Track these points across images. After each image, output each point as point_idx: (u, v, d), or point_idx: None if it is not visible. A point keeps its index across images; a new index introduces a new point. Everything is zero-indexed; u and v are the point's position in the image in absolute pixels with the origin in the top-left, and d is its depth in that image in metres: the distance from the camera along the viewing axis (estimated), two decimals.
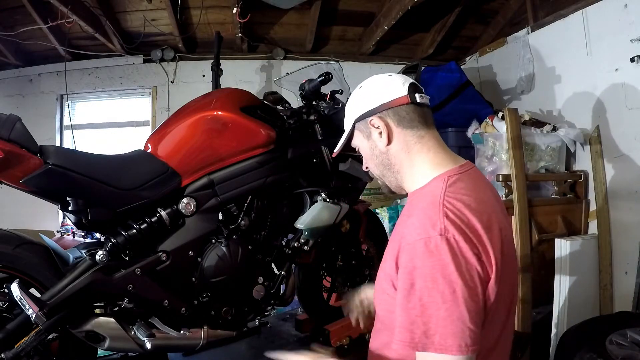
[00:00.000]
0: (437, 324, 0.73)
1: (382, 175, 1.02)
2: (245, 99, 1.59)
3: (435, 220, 0.79)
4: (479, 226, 0.79)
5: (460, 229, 0.77)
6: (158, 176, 1.42)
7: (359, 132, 1.02)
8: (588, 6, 2.39)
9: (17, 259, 1.27)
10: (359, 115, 0.99)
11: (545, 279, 2.23)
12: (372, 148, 0.99)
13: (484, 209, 0.83)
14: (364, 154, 1.04)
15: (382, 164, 0.99)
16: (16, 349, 1.20)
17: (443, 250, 0.75)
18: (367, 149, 1.01)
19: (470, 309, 0.74)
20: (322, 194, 1.65)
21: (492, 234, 0.80)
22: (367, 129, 0.99)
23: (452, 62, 3.03)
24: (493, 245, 0.79)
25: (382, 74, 1.03)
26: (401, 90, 0.97)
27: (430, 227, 0.78)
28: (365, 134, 1.00)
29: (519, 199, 2.18)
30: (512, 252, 0.87)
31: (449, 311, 0.73)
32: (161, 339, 1.39)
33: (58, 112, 3.56)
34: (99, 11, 2.98)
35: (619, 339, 1.55)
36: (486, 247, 0.78)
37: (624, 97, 2.18)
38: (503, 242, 0.82)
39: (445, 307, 0.73)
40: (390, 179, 1.00)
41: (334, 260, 1.91)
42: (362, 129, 1.00)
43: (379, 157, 0.99)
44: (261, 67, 3.64)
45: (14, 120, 1.22)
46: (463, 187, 0.86)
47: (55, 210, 3.26)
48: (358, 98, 1.02)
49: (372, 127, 0.97)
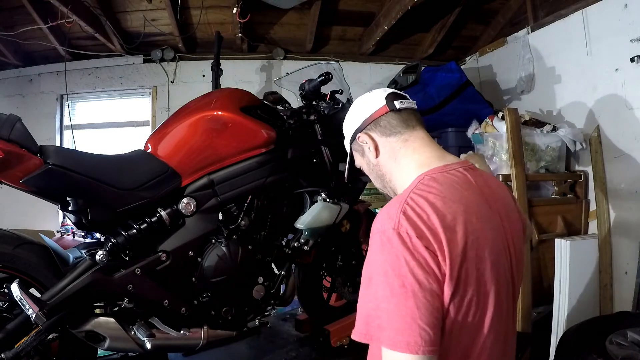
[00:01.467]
0: (388, 318, 0.73)
1: (382, 187, 1.05)
2: (245, 99, 1.59)
3: (392, 214, 0.79)
4: (438, 224, 0.77)
5: (415, 225, 0.77)
6: (158, 176, 1.42)
7: (356, 152, 1.07)
8: (588, 6, 2.39)
9: (17, 259, 1.27)
10: (350, 137, 1.05)
11: (545, 279, 2.23)
12: (368, 164, 1.04)
13: (451, 209, 0.81)
14: (365, 172, 1.08)
15: (377, 176, 1.04)
16: (16, 349, 1.20)
17: (395, 244, 0.75)
18: (365, 166, 1.06)
19: (421, 306, 0.72)
20: (322, 194, 1.65)
21: (454, 235, 0.78)
22: (360, 147, 1.03)
23: (452, 62, 3.02)
24: (451, 246, 0.77)
25: (365, 94, 1.06)
26: (379, 102, 0.99)
27: (387, 221, 0.79)
28: (360, 152, 1.05)
29: (519, 199, 2.18)
30: (485, 258, 0.81)
31: (397, 306, 0.72)
32: (161, 339, 1.39)
33: (58, 112, 3.56)
34: (99, 11, 2.97)
35: (619, 339, 1.55)
36: (442, 246, 0.76)
37: (624, 97, 2.18)
38: (468, 245, 0.78)
39: (395, 302, 0.72)
40: (388, 189, 1.03)
41: (334, 260, 1.91)
42: (356, 148, 1.06)
43: (374, 170, 1.03)
44: (261, 67, 3.64)
45: (14, 120, 1.23)
46: (435, 186, 0.85)
47: (55, 210, 3.26)
48: (347, 122, 1.07)
49: (361, 144, 1.02)
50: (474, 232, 0.81)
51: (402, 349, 0.70)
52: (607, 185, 2.28)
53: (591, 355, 1.49)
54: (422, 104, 2.86)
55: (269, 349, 1.82)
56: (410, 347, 0.70)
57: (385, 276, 0.75)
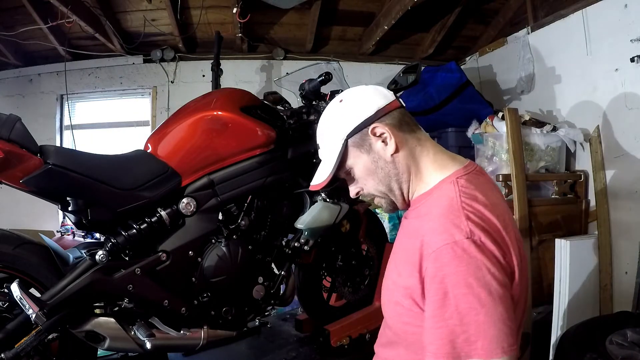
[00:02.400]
0: (478, 329, 0.71)
1: (389, 190, 0.93)
2: (245, 99, 1.59)
3: (458, 223, 0.76)
4: (499, 226, 0.78)
5: (484, 229, 0.76)
6: (158, 176, 1.42)
7: (354, 148, 0.91)
8: (588, 6, 2.39)
9: (17, 259, 1.27)
10: (352, 129, 0.90)
11: (545, 279, 2.23)
12: (376, 161, 0.90)
13: (497, 209, 0.81)
14: (361, 173, 0.93)
15: (387, 176, 0.91)
16: (16, 349, 1.20)
17: (473, 253, 0.73)
18: (368, 165, 0.91)
19: (508, 308, 0.72)
20: (322, 194, 1.65)
21: (510, 235, 0.79)
22: (367, 141, 0.90)
23: (452, 62, 3.03)
24: (512, 245, 0.79)
25: (359, 87, 0.97)
26: (389, 95, 0.93)
27: (456, 231, 0.75)
28: (364, 148, 0.91)
29: (519, 199, 2.18)
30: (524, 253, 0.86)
31: (488, 314, 0.71)
32: (161, 339, 1.39)
33: (58, 112, 3.56)
34: (99, 11, 2.97)
35: (619, 339, 1.55)
36: (508, 246, 0.78)
37: (624, 97, 2.18)
38: (516, 241, 0.81)
39: (484, 311, 0.71)
40: (396, 192, 0.92)
41: (334, 260, 1.91)
42: (358, 143, 0.91)
43: (385, 169, 0.91)
44: (261, 67, 3.64)
45: (14, 120, 1.23)
46: (474, 188, 0.83)
47: (55, 210, 3.26)
48: (342, 112, 0.93)
49: (373, 137, 0.89)
50: (514, 228, 0.84)
51: (498, 354, 0.70)
52: (607, 185, 2.28)
53: (591, 355, 1.49)
54: (422, 104, 2.86)
55: (269, 349, 1.82)
56: (505, 350, 0.70)
57: (468, 288, 0.72)
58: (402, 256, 0.89)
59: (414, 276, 0.80)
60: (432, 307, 0.75)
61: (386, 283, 0.96)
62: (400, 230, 1.00)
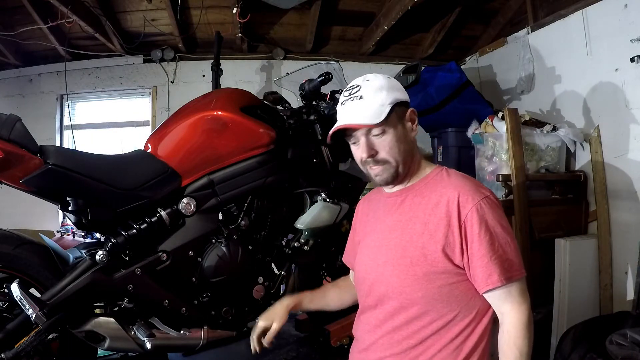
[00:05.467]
0: (513, 255, 0.98)
1: (402, 162, 1.06)
2: (245, 99, 1.59)
3: (480, 186, 1.04)
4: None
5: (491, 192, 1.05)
6: (158, 176, 1.42)
7: (395, 116, 1.04)
8: (588, 6, 2.39)
9: (17, 259, 1.27)
10: (400, 100, 1.05)
11: (545, 279, 2.22)
12: (406, 135, 1.07)
13: None
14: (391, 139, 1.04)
15: (407, 151, 1.06)
16: (16, 349, 1.20)
17: (497, 204, 1.02)
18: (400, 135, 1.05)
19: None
20: (322, 194, 1.65)
21: None
22: (405, 118, 1.07)
23: (452, 62, 3.02)
24: None
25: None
26: None
27: (483, 190, 1.02)
28: (403, 120, 1.07)
29: (519, 199, 2.18)
30: None
31: (514, 244, 0.99)
32: (161, 339, 1.39)
33: (58, 112, 3.55)
34: (99, 11, 2.97)
35: (619, 339, 1.55)
36: None
37: (624, 97, 2.17)
38: None
39: (514, 243, 0.99)
40: (404, 167, 1.07)
41: (334, 260, 1.91)
42: (400, 115, 1.06)
43: (407, 145, 1.07)
44: (261, 67, 3.64)
45: (14, 120, 1.23)
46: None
47: (55, 210, 3.25)
48: (393, 84, 1.08)
49: (411, 117, 1.08)
50: None
51: (523, 273, 0.99)
52: (607, 185, 2.28)
53: (591, 355, 1.49)
54: (422, 104, 2.86)
55: (269, 349, 1.81)
56: (523, 269, 1.00)
57: (502, 228, 0.98)
58: (419, 228, 1.02)
59: (451, 232, 0.98)
60: (485, 245, 0.96)
61: (399, 267, 1.03)
62: (389, 210, 1.11)
